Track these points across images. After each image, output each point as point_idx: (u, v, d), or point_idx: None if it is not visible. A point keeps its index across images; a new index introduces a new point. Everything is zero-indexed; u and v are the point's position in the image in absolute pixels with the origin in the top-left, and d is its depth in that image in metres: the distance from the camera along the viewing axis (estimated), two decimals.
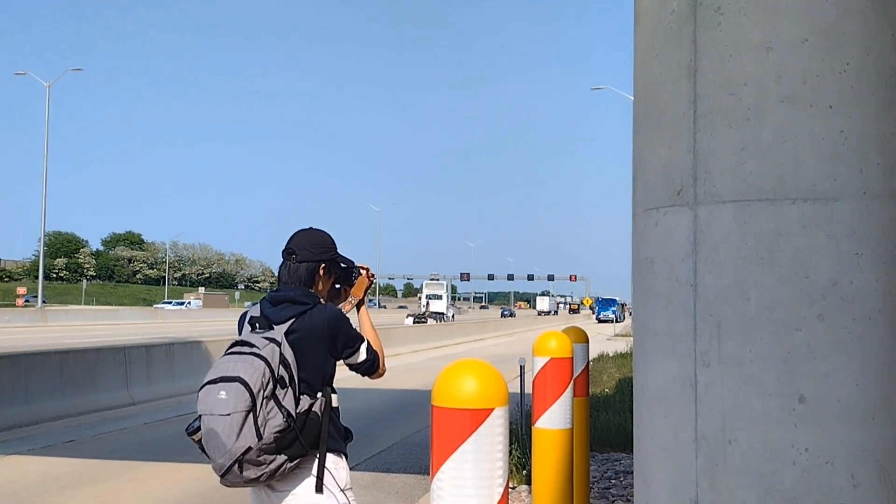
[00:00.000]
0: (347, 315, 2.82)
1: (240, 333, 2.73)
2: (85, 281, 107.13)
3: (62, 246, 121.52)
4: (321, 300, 2.77)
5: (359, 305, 3.01)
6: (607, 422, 8.01)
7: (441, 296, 70.43)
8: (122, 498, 6.48)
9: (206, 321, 51.03)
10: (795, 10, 1.91)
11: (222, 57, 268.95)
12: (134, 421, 10.52)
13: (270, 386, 2.48)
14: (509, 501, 2.29)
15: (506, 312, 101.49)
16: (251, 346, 2.55)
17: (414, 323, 44.05)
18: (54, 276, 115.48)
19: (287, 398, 2.51)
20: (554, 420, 3.79)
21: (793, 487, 1.85)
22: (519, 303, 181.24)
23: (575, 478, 4.07)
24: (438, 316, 62.55)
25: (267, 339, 2.57)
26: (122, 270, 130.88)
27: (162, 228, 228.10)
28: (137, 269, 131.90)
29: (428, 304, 67.82)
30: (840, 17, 1.91)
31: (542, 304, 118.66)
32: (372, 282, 3.03)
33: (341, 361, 2.76)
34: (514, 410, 7.65)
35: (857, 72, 1.90)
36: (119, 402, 11.36)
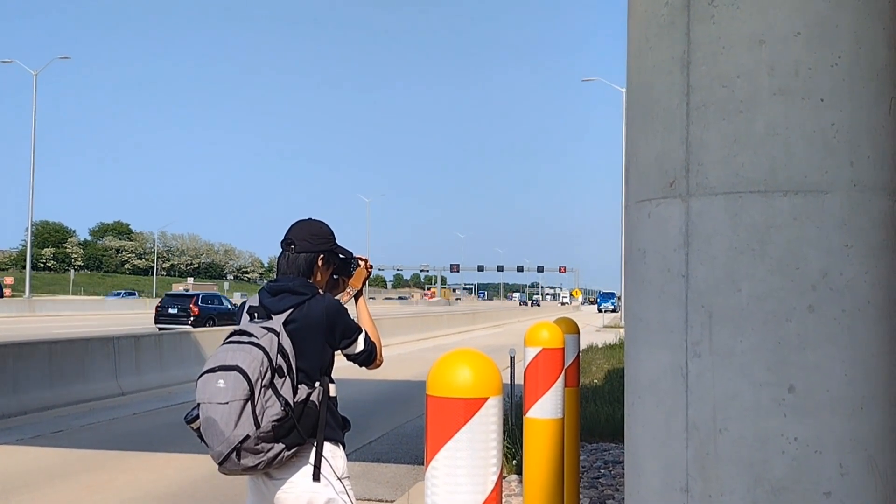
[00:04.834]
0: (346, 306, 2.84)
1: (238, 323, 2.74)
2: (73, 271, 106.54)
3: (50, 236, 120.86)
4: (319, 291, 2.78)
5: (357, 296, 3.02)
6: (596, 412, 8.06)
7: (567, 294, 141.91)
8: (111, 488, 6.48)
9: None
10: (788, 4, 1.92)
11: (212, 46, 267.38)
12: (123, 411, 10.51)
13: (268, 375, 2.49)
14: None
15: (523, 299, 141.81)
16: (250, 335, 2.56)
17: (561, 305, 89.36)
18: (42, 265, 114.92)
19: (285, 387, 2.52)
20: (545, 410, 3.81)
21: (782, 476, 1.87)
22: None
23: (566, 467, 4.10)
24: (567, 303, 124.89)
25: (265, 328, 2.58)
26: (111, 260, 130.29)
27: (150, 218, 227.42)
28: (126, 259, 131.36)
29: (562, 297, 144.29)
30: (832, 11, 1.92)
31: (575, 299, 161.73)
32: (370, 272, 3.05)
33: (339, 352, 2.77)
34: (504, 400, 7.68)
35: (848, 65, 1.91)
36: (108, 392, 11.34)
